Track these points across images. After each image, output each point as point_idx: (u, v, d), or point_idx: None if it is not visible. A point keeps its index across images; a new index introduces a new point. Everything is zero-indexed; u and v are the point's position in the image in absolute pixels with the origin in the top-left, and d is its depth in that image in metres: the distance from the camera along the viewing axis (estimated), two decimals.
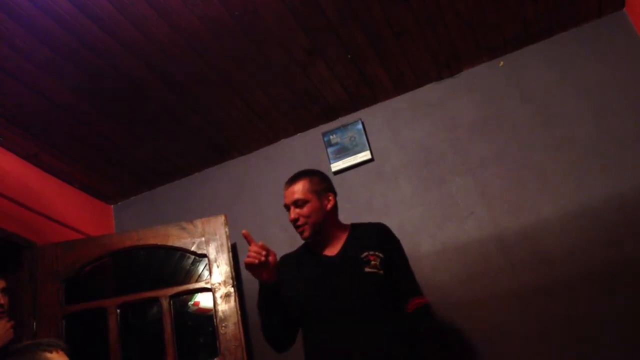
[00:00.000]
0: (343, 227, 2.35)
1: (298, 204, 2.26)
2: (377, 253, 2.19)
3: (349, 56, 2.94)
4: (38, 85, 2.69)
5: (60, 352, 1.79)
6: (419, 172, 3.14)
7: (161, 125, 3.18)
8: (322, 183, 2.35)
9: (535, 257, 2.75)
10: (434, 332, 2.21)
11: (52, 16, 2.35)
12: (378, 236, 2.28)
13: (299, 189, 2.28)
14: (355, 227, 2.35)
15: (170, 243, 3.09)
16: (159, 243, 3.10)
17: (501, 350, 2.66)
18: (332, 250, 2.27)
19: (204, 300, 3.27)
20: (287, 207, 2.30)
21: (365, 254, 2.18)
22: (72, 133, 3.07)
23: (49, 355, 1.74)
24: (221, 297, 2.94)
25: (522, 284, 2.73)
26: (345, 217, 3.11)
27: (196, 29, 2.58)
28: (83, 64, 2.63)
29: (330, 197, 2.34)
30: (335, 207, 2.34)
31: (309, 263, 2.29)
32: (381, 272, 2.14)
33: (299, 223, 2.26)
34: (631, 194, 2.68)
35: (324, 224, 2.28)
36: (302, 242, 2.39)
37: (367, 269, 2.14)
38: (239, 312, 2.91)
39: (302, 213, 2.25)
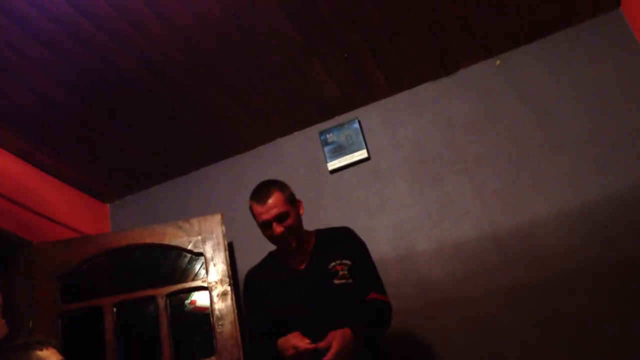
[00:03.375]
0: (308, 234, 2.30)
1: (281, 218, 2.16)
2: (344, 261, 2.15)
3: (345, 55, 2.94)
4: (34, 83, 2.69)
5: (51, 349, 1.80)
6: (415, 170, 3.14)
7: (157, 123, 3.18)
8: (288, 189, 2.28)
9: (531, 255, 2.75)
10: (374, 313, 2.09)
11: (48, 15, 2.35)
12: (344, 243, 2.24)
13: (276, 202, 2.18)
14: (320, 234, 2.31)
15: (166, 242, 3.08)
16: (155, 242, 3.09)
17: (496, 348, 2.67)
18: (299, 263, 2.22)
19: (200, 299, 3.27)
20: (267, 224, 2.18)
21: (333, 264, 2.14)
22: (68, 132, 3.06)
23: (39, 353, 1.75)
24: (218, 295, 2.94)
25: (518, 282, 2.73)
26: (342, 216, 3.14)
27: (192, 27, 2.58)
28: (79, 63, 2.63)
29: (300, 202, 2.29)
30: (303, 210, 2.30)
31: (280, 278, 2.23)
32: (350, 280, 2.11)
33: (286, 237, 2.17)
34: (627, 193, 2.69)
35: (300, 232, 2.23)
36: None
37: (336, 281, 2.11)
38: (235, 311, 2.90)
39: (287, 225, 2.16)
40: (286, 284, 2.20)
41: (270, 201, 2.18)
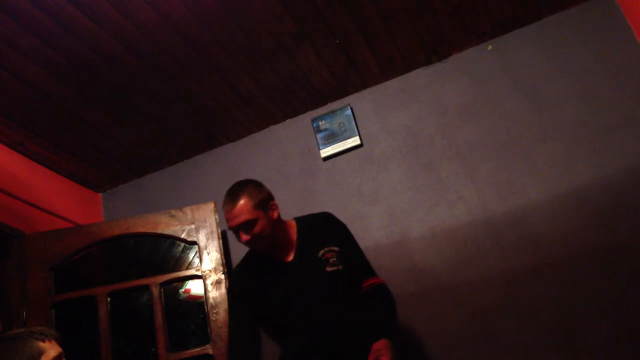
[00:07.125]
0: (290, 226, 2.26)
1: (247, 226, 2.10)
2: (332, 248, 2.15)
3: (337, 41, 2.92)
4: (23, 73, 2.66)
5: (53, 342, 1.78)
6: (408, 157, 3.14)
7: (149, 112, 3.16)
8: (260, 193, 2.18)
9: (524, 240, 2.77)
10: (389, 306, 2.18)
11: (37, 3, 2.32)
12: (328, 229, 2.24)
13: (243, 210, 2.10)
14: (301, 222, 2.28)
15: (159, 231, 3.08)
16: (148, 231, 3.09)
17: (490, 332, 2.69)
18: (286, 254, 2.20)
19: (194, 288, 3.27)
20: (234, 230, 2.13)
21: (322, 252, 2.15)
22: (59, 121, 3.04)
23: (41, 344, 1.74)
24: (212, 284, 2.95)
25: (511, 267, 2.75)
26: (336, 203, 3.14)
27: (182, 14, 2.55)
28: (69, 51, 2.60)
29: (274, 205, 2.21)
30: (278, 212, 2.22)
31: (269, 274, 2.19)
32: (340, 267, 2.13)
33: (252, 244, 2.13)
34: (619, 178, 2.70)
35: (275, 234, 2.16)
36: None
37: (328, 269, 2.12)
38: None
39: (254, 233, 2.10)
40: (278, 278, 2.17)
41: (235, 210, 2.11)
